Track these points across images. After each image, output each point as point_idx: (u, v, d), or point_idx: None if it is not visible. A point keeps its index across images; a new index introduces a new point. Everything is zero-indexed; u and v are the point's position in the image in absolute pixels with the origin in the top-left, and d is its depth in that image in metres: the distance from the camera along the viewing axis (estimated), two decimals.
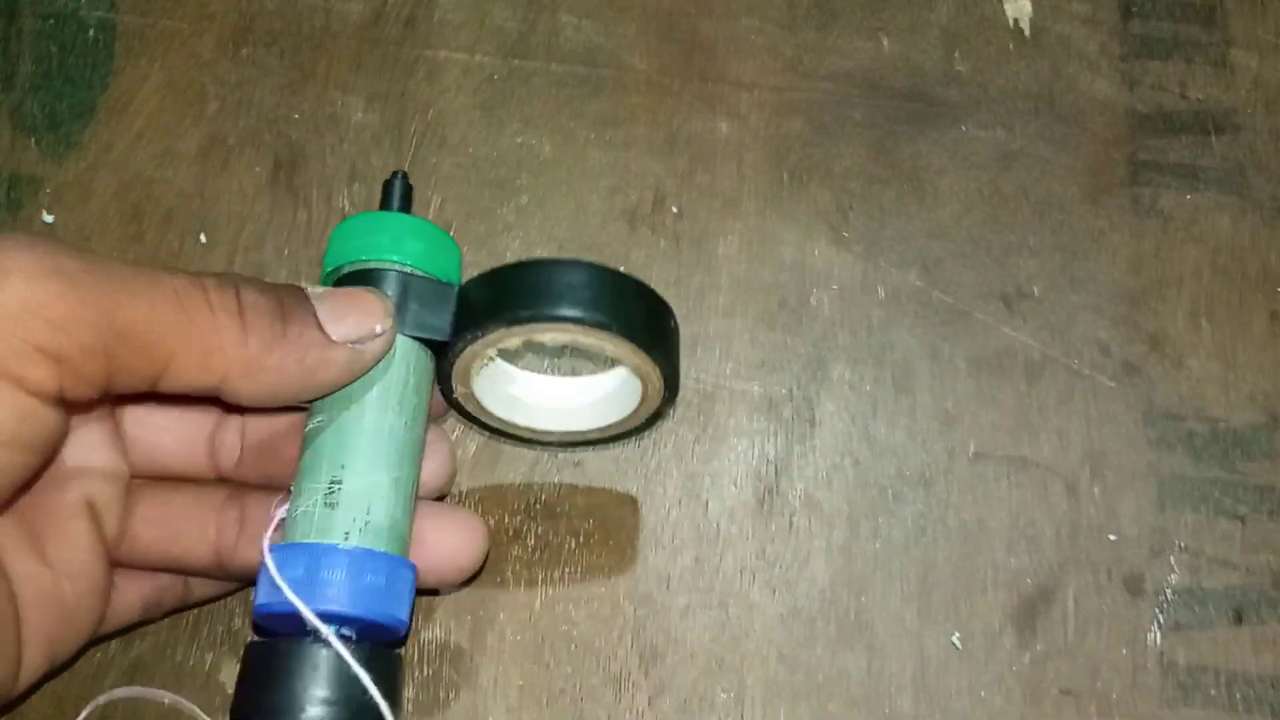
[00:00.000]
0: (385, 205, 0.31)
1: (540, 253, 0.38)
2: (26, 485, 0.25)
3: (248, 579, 0.30)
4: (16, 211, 0.38)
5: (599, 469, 0.36)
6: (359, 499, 0.27)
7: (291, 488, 0.28)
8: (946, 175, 0.39)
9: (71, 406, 0.24)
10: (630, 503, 0.35)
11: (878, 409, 0.37)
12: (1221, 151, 0.40)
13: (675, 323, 0.31)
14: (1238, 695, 0.34)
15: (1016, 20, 0.41)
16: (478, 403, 0.32)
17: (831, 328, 0.38)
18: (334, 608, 0.25)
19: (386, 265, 0.29)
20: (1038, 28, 0.41)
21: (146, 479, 0.30)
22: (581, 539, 0.35)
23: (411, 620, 0.28)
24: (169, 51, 0.40)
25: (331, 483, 0.27)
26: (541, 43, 0.40)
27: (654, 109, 0.40)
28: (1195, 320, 0.38)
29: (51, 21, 0.40)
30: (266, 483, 0.30)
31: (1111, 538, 0.35)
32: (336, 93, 0.40)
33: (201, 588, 0.31)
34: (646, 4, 0.41)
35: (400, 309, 0.28)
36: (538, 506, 0.35)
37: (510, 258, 0.38)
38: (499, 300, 0.28)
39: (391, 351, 0.28)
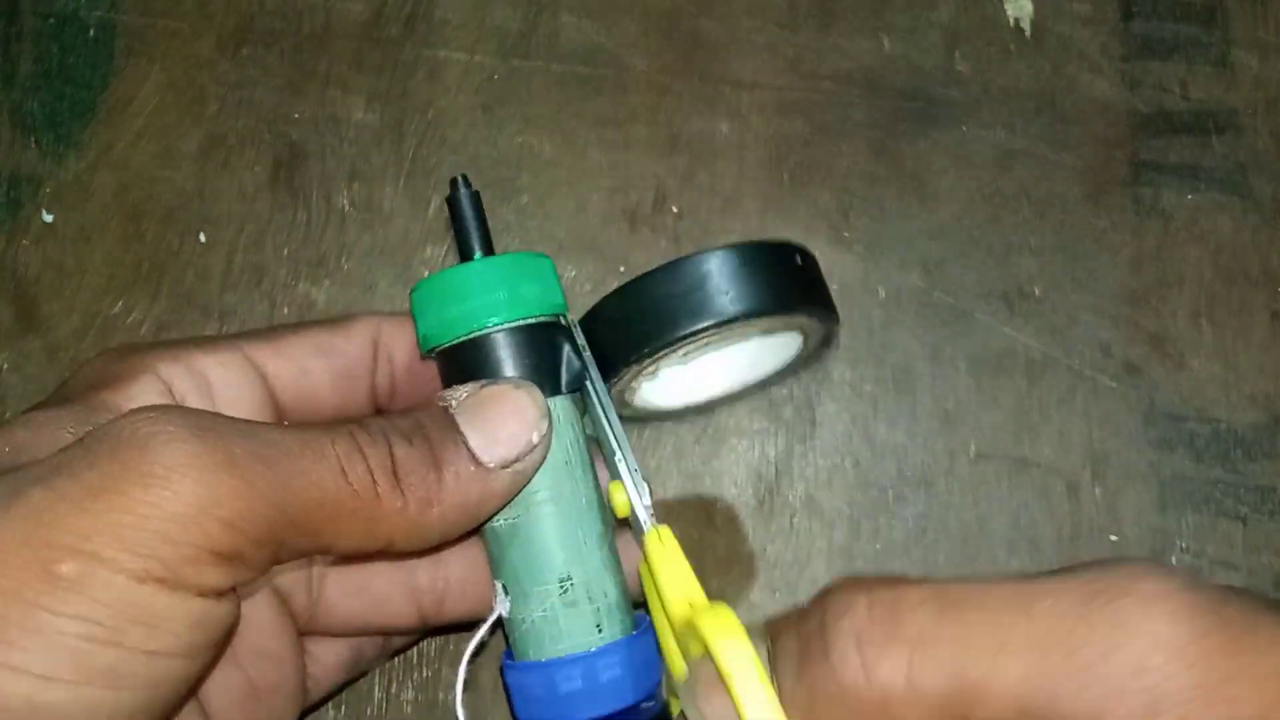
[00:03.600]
0: (464, 244, 0.28)
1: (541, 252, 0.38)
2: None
3: (454, 628, 0.30)
4: (16, 211, 0.38)
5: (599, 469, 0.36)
6: (595, 586, 0.26)
7: (501, 585, 0.27)
8: (947, 175, 0.39)
9: (238, 589, 0.23)
10: None
11: (878, 409, 0.37)
12: (1222, 152, 0.40)
13: (807, 257, 0.29)
14: None
15: (1017, 20, 0.41)
16: (635, 408, 0.32)
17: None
18: (620, 704, 0.26)
19: (494, 329, 0.27)
20: (1039, 28, 0.41)
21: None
22: None
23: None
24: (169, 51, 0.40)
25: (562, 580, 0.26)
26: (542, 42, 0.40)
27: (654, 109, 0.40)
28: (1196, 320, 0.38)
29: (52, 21, 0.40)
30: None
31: (1113, 538, 0.35)
32: (337, 92, 0.40)
33: (402, 638, 0.30)
34: (647, 4, 0.41)
35: (527, 365, 0.26)
36: None
37: None
38: (638, 330, 0.27)
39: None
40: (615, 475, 0.28)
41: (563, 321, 0.28)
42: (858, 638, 0.22)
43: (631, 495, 0.27)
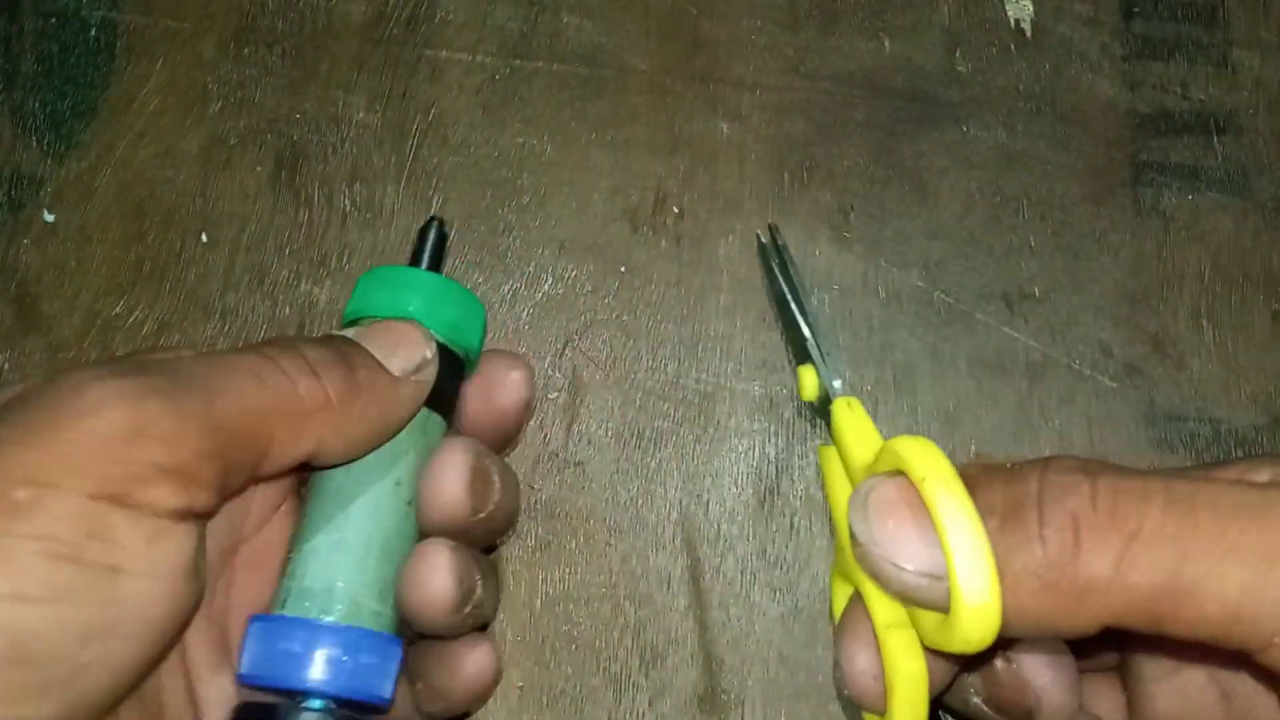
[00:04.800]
0: (416, 258, 0.30)
1: (541, 253, 0.38)
2: (187, 620, 0.24)
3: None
4: (18, 211, 0.38)
5: (599, 469, 0.36)
6: (366, 593, 0.27)
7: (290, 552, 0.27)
8: (948, 176, 0.39)
9: (197, 518, 0.23)
10: (631, 503, 0.35)
11: (879, 409, 0.37)
12: (1223, 152, 0.40)
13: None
14: None
15: (1018, 21, 0.41)
16: None
17: (833, 328, 0.38)
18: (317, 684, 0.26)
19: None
20: (1039, 28, 0.41)
21: None
22: (582, 539, 0.35)
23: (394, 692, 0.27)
24: (171, 51, 0.40)
25: (340, 581, 0.27)
26: (543, 43, 0.40)
27: (655, 109, 0.40)
28: (1197, 321, 0.38)
29: (53, 21, 0.40)
30: None
31: None
32: (338, 92, 0.40)
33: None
34: (648, 4, 0.41)
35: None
36: (538, 506, 0.35)
37: (511, 258, 0.38)
38: None
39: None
40: (803, 360, 0.33)
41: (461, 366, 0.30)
42: (1075, 519, 0.21)
43: (823, 373, 0.32)
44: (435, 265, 0.30)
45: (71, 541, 0.21)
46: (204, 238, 0.38)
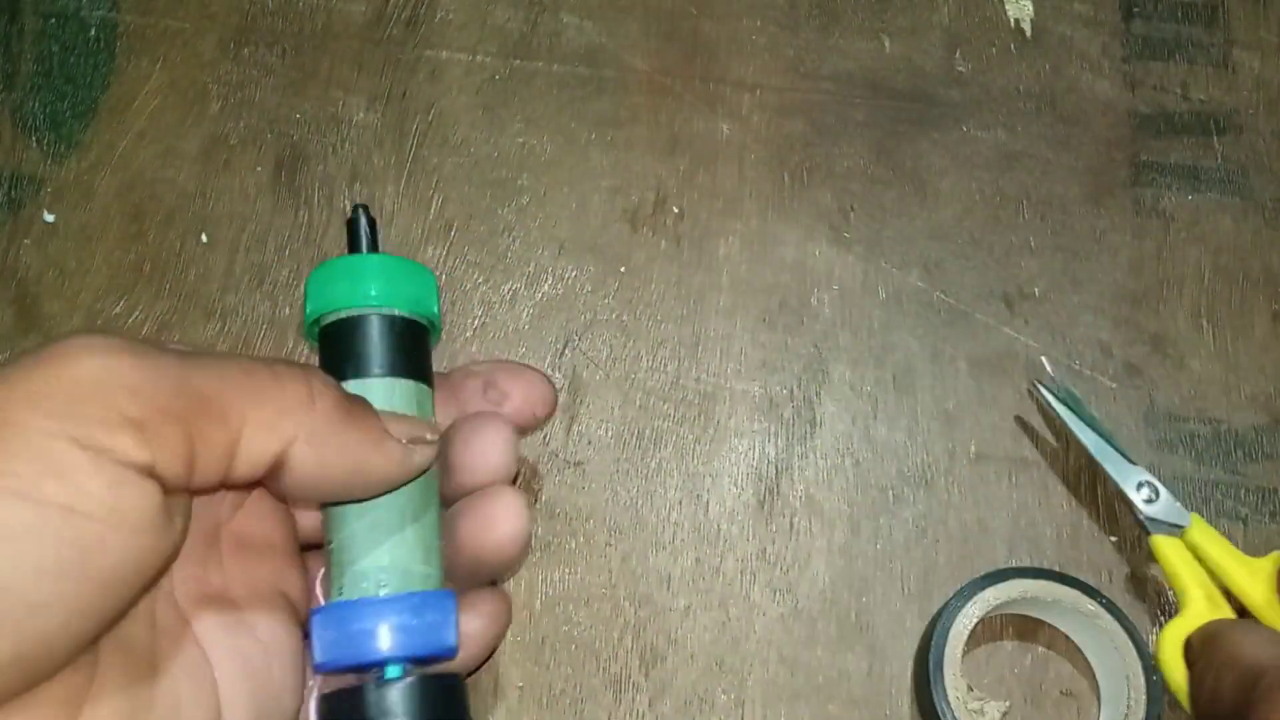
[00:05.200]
0: (354, 246, 0.30)
1: (541, 253, 0.38)
2: (154, 575, 0.25)
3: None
4: (18, 211, 0.38)
5: (599, 469, 0.36)
6: (411, 561, 0.28)
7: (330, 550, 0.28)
8: (948, 176, 0.39)
9: (168, 488, 0.23)
10: (631, 503, 0.35)
11: (878, 410, 0.37)
12: (1223, 152, 0.40)
13: None
14: None
15: (1018, 21, 0.41)
16: None
17: (832, 328, 0.38)
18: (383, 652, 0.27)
19: (369, 311, 0.29)
20: (1039, 29, 0.41)
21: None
22: (581, 539, 0.35)
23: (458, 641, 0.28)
24: (171, 51, 0.40)
25: (385, 562, 0.28)
26: (543, 43, 0.40)
27: (655, 110, 0.40)
28: (1197, 321, 0.38)
29: (53, 21, 0.40)
30: None
31: (1113, 539, 0.35)
32: (338, 93, 0.40)
33: None
34: (648, 5, 0.41)
35: (392, 352, 0.29)
36: (538, 507, 0.35)
37: (511, 258, 0.38)
38: None
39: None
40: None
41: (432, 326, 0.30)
42: None
43: (1136, 500, 0.33)
44: (374, 248, 0.30)
45: (29, 477, 0.21)
46: (204, 238, 0.38)
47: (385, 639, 0.27)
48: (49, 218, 0.38)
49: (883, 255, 0.38)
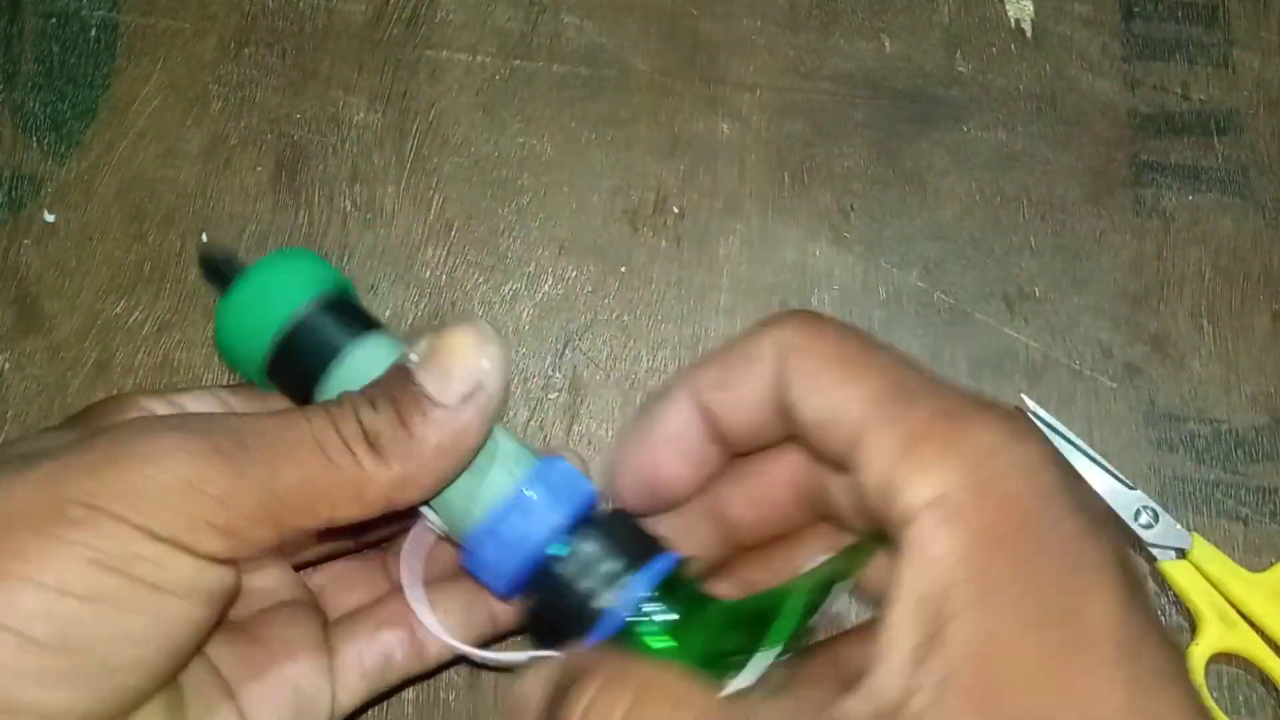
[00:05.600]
0: (225, 284, 0.29)
1: (541, 253, 0.38)
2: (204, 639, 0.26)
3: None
4: (18, 211, 0.38)
5: (599, 469, 0.36)
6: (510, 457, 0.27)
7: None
8: (948, 176, 0.39)
9: (248, 562, 0.25)
10: None
11: None
12: (1223, 152, 0.40)
13: None
14: (1240, 697, 0.34)
15: (1018, 21, 0.41)
16: None
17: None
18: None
19: (303, 309, 0.28)
20: (1039, 28, 0.41)
21: None
22: None
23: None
24: (171, 51, 0.40)
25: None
26: (543, 43, 0.40)
27: (656, 110, 0.40)
28: (1197, 321, 0.38)
29: (53, 21, 0.40)
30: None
31: None
32: (338, 93, 0.40)
33: (437, 646, 0.30)
34: (648, 5, 0.41)
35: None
36: None
37: (511, 258, 0.38)
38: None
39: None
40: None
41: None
42: None
43: (1136, 529, 0.34)
44: (234, 275, 0.29)
45: (120, 556, 0.22)
46: (205, 238, 0.38)
47: (538, 521, 0.26)
48: (49, 218, 0.38)
49: (883, 255, 0.38)
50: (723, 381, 0.26)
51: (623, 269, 0.38)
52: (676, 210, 0.39)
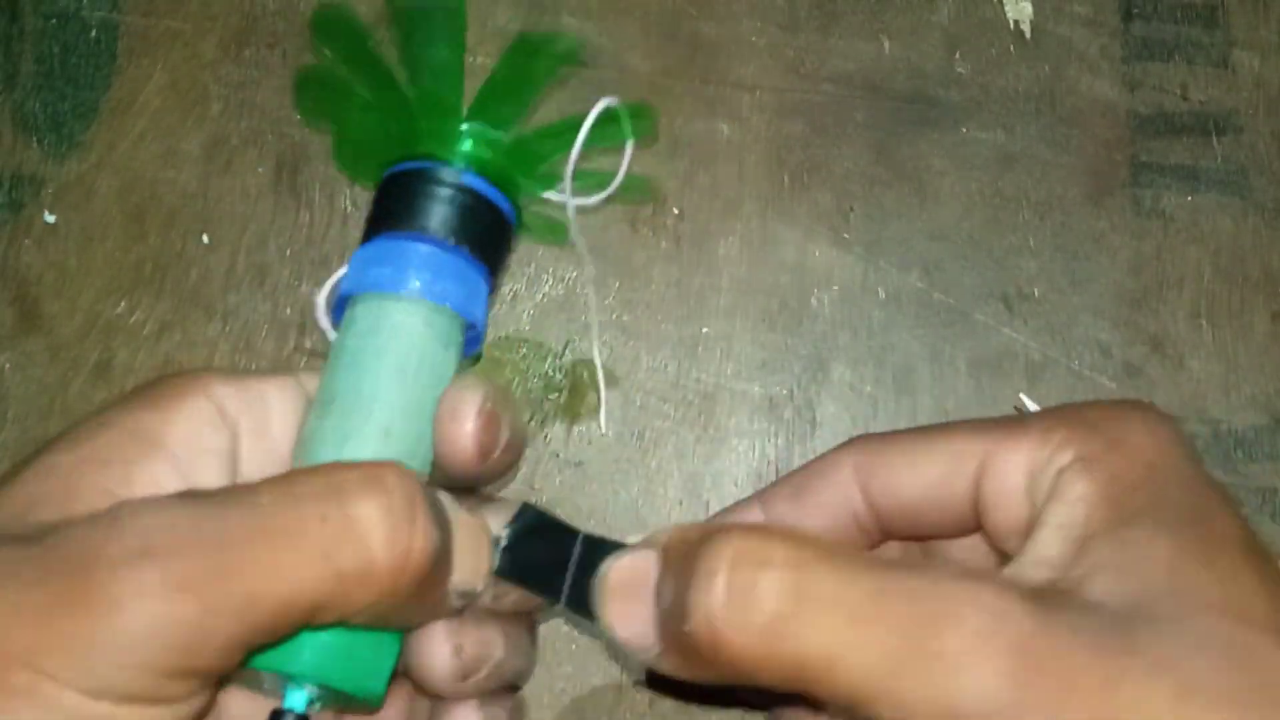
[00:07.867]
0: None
1: (541, 253, 0.38)
2: None
3: None
4: (18, 211, 0.38)
5: (599, 469, 0.36)
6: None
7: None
8: (947, 177, 0.39)
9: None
10: (631, 503, 0.35)
11: (878, 410, 0.37)
12: (1223, 153, 0.40)
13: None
14: None
15: (1017, 22, 0.41)
16: None
17: (832, 329, 0.38)
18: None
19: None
20: (1038, 29, 0.41)
21: None
22: None
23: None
24: (171, 52, 0.40)
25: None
26: None
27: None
28: (1196, 322, 0.38)
29: (54, 21, 0.40)
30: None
31: None
32: None
33: None
34: (648, 6, 0.41)
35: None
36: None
37: (511, 258, 0.38)
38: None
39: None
40: None
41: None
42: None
43: None
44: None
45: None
46: (205, 239, 0.38)
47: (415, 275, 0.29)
48: (50, 218, 0.38)
49: (882, 255, 0.38)
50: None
51: (623, 269, 0.38)
52: (676, 211, 0.39)
